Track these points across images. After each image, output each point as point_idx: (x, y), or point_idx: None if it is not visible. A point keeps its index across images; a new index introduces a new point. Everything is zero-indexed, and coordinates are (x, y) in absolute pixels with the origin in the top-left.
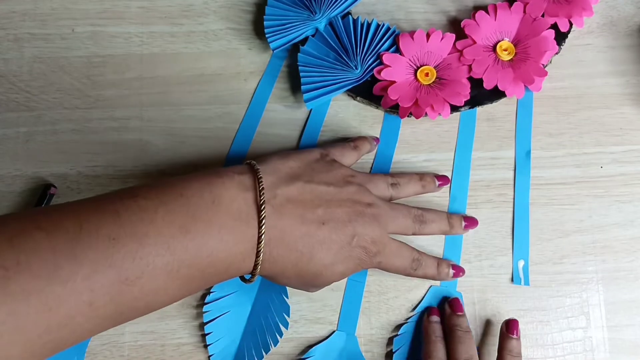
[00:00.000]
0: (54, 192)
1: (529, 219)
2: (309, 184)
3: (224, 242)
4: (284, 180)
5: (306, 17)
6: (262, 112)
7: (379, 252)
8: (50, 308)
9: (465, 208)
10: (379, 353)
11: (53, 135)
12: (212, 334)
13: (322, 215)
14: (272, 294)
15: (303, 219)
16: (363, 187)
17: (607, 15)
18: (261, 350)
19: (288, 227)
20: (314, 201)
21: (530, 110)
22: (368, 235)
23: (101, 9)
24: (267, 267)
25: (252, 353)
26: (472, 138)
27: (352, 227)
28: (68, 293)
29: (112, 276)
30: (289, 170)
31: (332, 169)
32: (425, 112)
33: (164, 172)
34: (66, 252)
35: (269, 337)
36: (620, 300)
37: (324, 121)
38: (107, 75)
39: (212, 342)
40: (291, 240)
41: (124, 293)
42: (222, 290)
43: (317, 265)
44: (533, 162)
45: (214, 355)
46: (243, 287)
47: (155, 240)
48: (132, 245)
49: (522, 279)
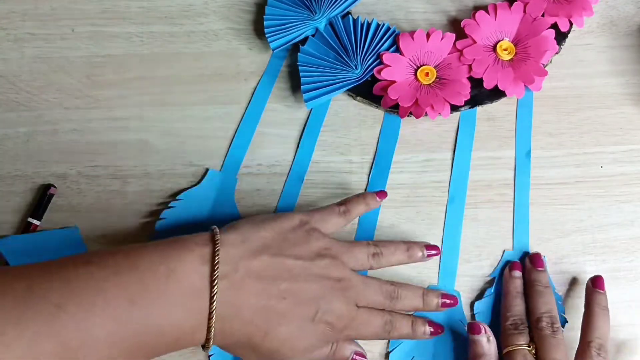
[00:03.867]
0: (54, 192)
1: (529, 219)
2: (276, 257)
3: (172, 316)
4: (250, 253)
5: (306, 17)
6: (261, 112)
7: (346, 326)
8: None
9: (463, 208)
10: (380, 353)
11: (53, 135)
12: None
13: (285, 290)
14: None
15: (263, 294)
16: (337, 260)
17: (607, 15)
18: None
19: (245, 302)
20: (280, 276)
21: (531, 110)
22: (334, 312)
23: (101, 9)
24: (219, 340)
25: None
26: (472, 138)
27: (316, 303)
28: (10, 357)
29: (55, 343)
30: (258, 240)
31: (308, 241)
32: (425, 112)
33: (164, 172)
34: (12, 316)
35: None
36: (620, 300)
37: (324, 121)
38: (107, 75)
39: None
40: (247, 315)
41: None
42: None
43: (273, 341)
44: (533, 162)
45: (214, 355)
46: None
47: (102, 310)
48: (78, 314)
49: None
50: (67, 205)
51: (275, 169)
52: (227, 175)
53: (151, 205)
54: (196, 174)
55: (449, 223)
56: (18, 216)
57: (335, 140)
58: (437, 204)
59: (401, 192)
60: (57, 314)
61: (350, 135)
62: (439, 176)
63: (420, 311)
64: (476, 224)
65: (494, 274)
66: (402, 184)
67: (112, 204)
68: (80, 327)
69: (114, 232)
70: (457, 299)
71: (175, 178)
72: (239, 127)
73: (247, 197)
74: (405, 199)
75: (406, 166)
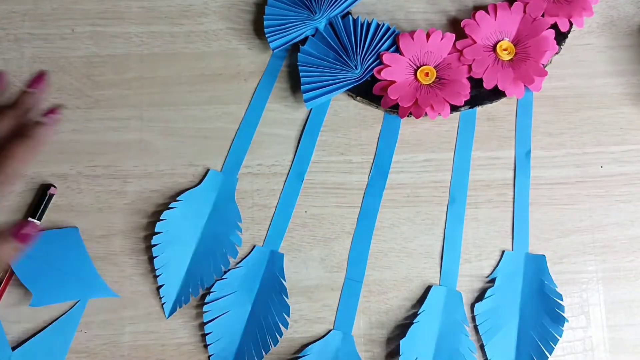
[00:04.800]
0: (54, 192)
1: (528, 219)
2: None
3: None
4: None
5: (306, 17)
6: (262, 112)
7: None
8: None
9: (464, 208)
10: (379, 353)
11: (53, 135)
12: (212, 334)
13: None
14: (272, 294)
15: None
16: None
17: (607, 15)
18: (261, 350)
19: None
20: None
21: (530, 110)
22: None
23: (101, 9)
24: None
25: (252, 353)
26: (472, 138)
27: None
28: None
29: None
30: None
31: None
32: (425, 112)
33: (163, 172)
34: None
35: (269, 337)
36: (620, 300)
37: (324, 121)
38: (107, 75)
39: (212, 342)
40: None
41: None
42: (221, 290)
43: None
44: (533, 162)
45: (214, 355)
46: (243, 287)
47: None
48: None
49: None
50: (67, 205)
51: (275, 168)
52: (228, 175)
53: (151, 205)
54: (196, 173)
55: (450, 223)
56: (18, 216)
57: (335, 140)
58: (437, 204)
59: (401, 192)
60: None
61: (350, 135)
62: (439, 176)
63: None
64: (476, 224)
65: (494, 274)
66: (402, 184)
67: (112, 204)
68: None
69: (114, 232)
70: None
71: (175, 178)
72: (239, 128)
73: (247, 197)
74: (405, 199)
75: (406, 166)
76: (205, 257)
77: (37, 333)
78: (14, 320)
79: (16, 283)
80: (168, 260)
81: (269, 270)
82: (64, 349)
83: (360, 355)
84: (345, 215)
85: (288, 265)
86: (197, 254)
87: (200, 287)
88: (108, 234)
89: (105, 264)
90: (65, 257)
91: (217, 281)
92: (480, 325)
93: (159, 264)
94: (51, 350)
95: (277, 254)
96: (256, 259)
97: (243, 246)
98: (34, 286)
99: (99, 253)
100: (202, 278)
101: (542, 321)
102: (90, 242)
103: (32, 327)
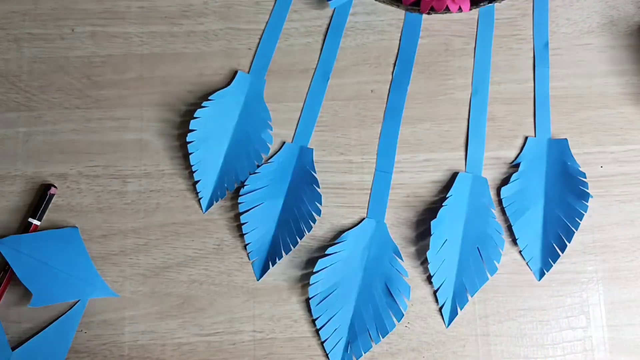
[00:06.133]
0: (54, 192)
1: (549, 105)
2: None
3: None
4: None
5: None
6: (287, 13)
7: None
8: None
9: (487, 99)
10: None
11: (53, 135)
12: (247, 224)
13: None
14: (304, 186)
15: None
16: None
17: (607, 15)
18: (295, 237)
19: None
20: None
21: (546, 4)
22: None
23: (101, 9)
24: None
25: (287, 240)
26: (491, 32)
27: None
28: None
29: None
30: None
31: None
32: (446, 4)
33: (163, 172)
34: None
35: (302, 224)
36: (620, 300)
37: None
38: (107, 75)
39: (248, 232)
40: None
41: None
42: (254, 183)
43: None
44: None
45: (250, 244)
46: (275, 180)
47: None
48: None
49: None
50: (67, 205)
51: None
52: (256, 76)
53: (151, 205)
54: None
55: (474, 114)
56: (18, 216)
57: (335, 140)
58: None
59: (401, 192)
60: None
61: (350, 135)
62: (439, 176)
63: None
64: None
65: (519, 159)
66: (402, 184)
67: (112, 204)
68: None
69: (114, 232)
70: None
71: (176, 178)
72: (265, 28)
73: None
74: (405, 199)
75: (406, 166)
76: (238, 154)
77: (37, 333)
78: (14, 320)
79: (16, 283)
80: (203, 157)
81: (300, 165)
82: (64, 349)
83: (392, 239)
84: (345, 215)
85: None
86: (230, 152)
87: (235, 181)
88: (108, 234)
89: (105, 264)
90: (65, 257)
91: (250, 175)
92: (507, 207)
93: (195, 160)
94: (51, 350)
95: (307, 149)
96: (287, 155)
97: (274, 144)
98: (34, 286)
99: (99, 253)
100: (236, 173)
101: (566, 199)
102: (90, 242)
103: (32, 327)
